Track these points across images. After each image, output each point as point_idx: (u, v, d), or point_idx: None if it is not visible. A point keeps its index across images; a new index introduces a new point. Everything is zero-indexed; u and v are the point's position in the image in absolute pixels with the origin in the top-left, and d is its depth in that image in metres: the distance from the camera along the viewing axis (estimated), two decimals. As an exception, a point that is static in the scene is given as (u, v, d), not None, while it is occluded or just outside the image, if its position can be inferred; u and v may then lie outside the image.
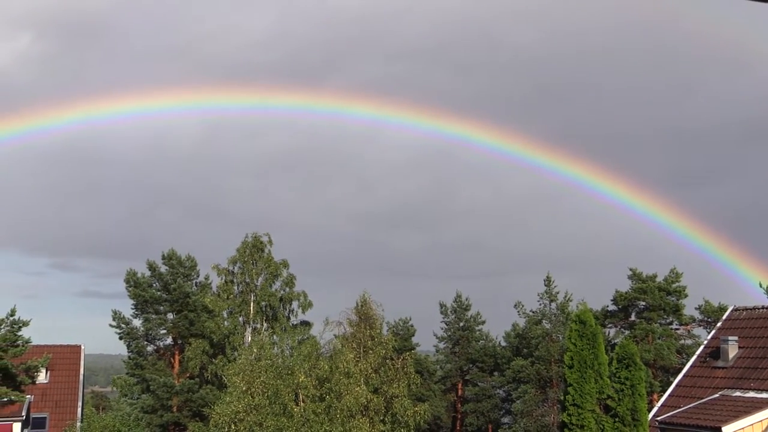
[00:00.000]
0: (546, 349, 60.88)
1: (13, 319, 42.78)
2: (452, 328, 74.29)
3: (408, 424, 31.92)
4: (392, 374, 32.55)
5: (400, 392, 32.08)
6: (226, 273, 51.40)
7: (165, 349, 60.31)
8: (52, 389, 59.60)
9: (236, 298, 50.84)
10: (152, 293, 58.16)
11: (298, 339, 46.76)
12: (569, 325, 31.70)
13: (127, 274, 58.65)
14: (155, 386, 55.51)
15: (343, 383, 30.47)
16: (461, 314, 74.37)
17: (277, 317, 50.70)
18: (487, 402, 69.90)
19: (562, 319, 61.32)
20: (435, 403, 63.75)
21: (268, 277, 50.97)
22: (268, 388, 30.88)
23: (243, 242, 51.14)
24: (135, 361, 59.02)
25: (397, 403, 31.84)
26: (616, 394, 29.69)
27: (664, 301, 58.18)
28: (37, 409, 57.02)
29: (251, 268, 50.70)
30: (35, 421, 56.58)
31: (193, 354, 52.47)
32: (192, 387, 54.67)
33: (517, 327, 68.95)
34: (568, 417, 29.67)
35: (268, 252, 51.46)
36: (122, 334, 59.00)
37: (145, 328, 58.98)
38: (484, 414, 69.92)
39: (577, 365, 29.73)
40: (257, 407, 30.55)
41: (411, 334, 72.45)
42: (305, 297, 51.56)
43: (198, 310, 55.75)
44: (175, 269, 58.85)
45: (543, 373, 61.58)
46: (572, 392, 29.58)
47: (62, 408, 58.82)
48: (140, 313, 59.03)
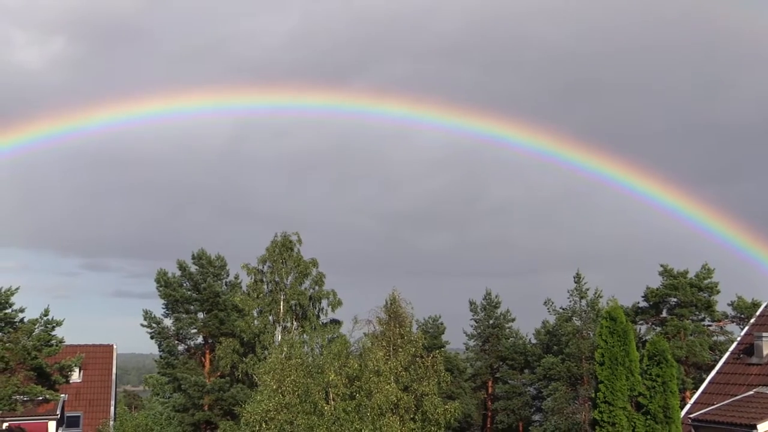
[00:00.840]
0: (576, 346, 60.55)
1: (46, 319, 43.19)
2: (482, 326, 74.13)
3: (438, 422, 31.85)
4: (422, 372, 32.48)
5: (430, 390, 32.01)
6: (256, 272, 51.59)
7: (196, 348, 60.67)
8: (86, 388, 60.31)
9: (266, 297, 51.02)
10: (183, 293, 58.52)
11: (328, 337, 46.85)
12: (600, 321, 31.48)
13: (158, 274, 59.06)
14: (186, 385, 55.86)
15: (373, 381, 30.47)
16: (491, 312, 74.19)
17: (307, 316, 50.82)
18: (517, 399, 69.68)
19: (593, 316, 60.95)
20: (465, 401, 63.66)
21: (297, 276, 51.09)
22: (298, 386, 30.97)
23: (272, 241, 51.32)
24: (166, 360, 59.43)
25: (427, 401, 31.78)
26: (647, 391, 29.47)
27: (695, 298, 57.64)
28: (71, 407, 57.73)
29: (281, 267, 50.85)
30: (69, 419, 57.29)
31: (224, 353, 52.73)
32: (223, 386, 54.95)
33: (547, 324, 68.67)
34: (599, 414, 29.49)
35: (298, 251, 51.62)
36: (153, 333, 59.41)
37: (176, 327, 59.35)
38: (514, 411, 69.73)
39: (608, 362, 29.54)
40: (288, 406, 30.66)
41: (441, 332, 72.41)
42: (335, 295, 51.64)
43: (228, 309, 56.04)
44: (205, 269, 59.17)
45: (573, 371, 61.25)
46: (603, 389, 29.39)
47: (95, 407, 59.50)
48: (171, 312, 59.42)
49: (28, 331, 42.33)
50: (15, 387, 40.67)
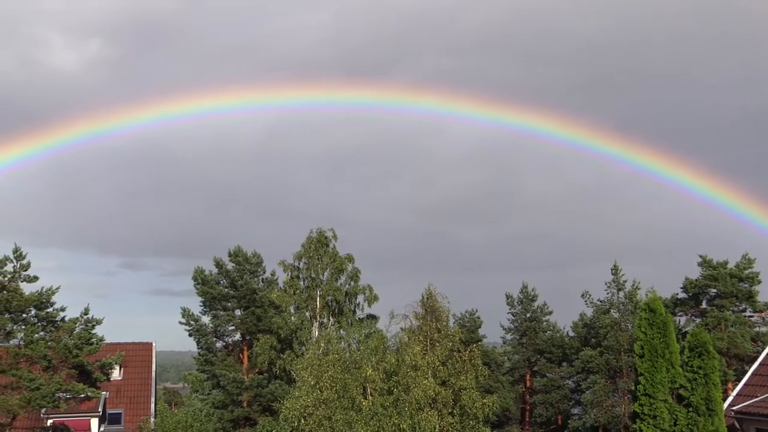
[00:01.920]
0: (615, 339, 60.03)
1: (87, 318, 43.57)
2: (519, 319, 73.79)
3: (477, 416, 31.78)
4: (460, 366, 32.41)
5: (468, 384, 31.93)
6: (292, 269, 51.78)
7: (234, 345, 61.01)
8: (126, 386, 60.90)
9: (302, 293, 51.18)
10: (220, 290, 58.86)
11: (365, 333, 46.86)
12: (638, 313, 31.19)
13: (195, 272, 59.44)
14: (225, 382, 56.22)
15: (410, 376, 30.46)
16: (528, 305, 73.82)
17: (343, 311, 50.90)
18: (555, 393, 69.30)
19: (631, 307, 60.36)
20: (503, 395, 63.42)
21: (333, 272, 51.19)
22: (336, 382, 31.04)
23: (308, 238, 51.45)
24: (205, 357, 59.80)
25: (465, 395, 31.71)
26: (688, 383, 29.15)
27: (736, 288, 56.88)
28: (113, 405, 58.34)
29: (317, 263, 50.97)
30: (111, 416, 57.92)
31: (262, 349, 52.99)
32: (261, 382, 55.24)
33: (585, 317, 68.16)
34: (639, 407, 29.23)
35: (333, 247, 51.71)
36: (192, 330, 59.82)
37: (214, 324, 59.70)
38: (553, 405, 69.37)
39: (647, 354, 29.26)
40: (326, 401, 30.74)
41: (478, 326, 72.19)
42: (371, 291, 51.67)
43: (265, 305, 56.29)
44: (241, 266, 59.48)
45: (612, 363, 60.75)
46: (643, 382, 29.12)
47: (136, 404, 60.07)
48: (209, 310, 59.77)
49: (69, 329, 42.75)
50: (58, 385, 41.13)
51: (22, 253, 42.14)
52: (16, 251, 42.07)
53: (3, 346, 42.69)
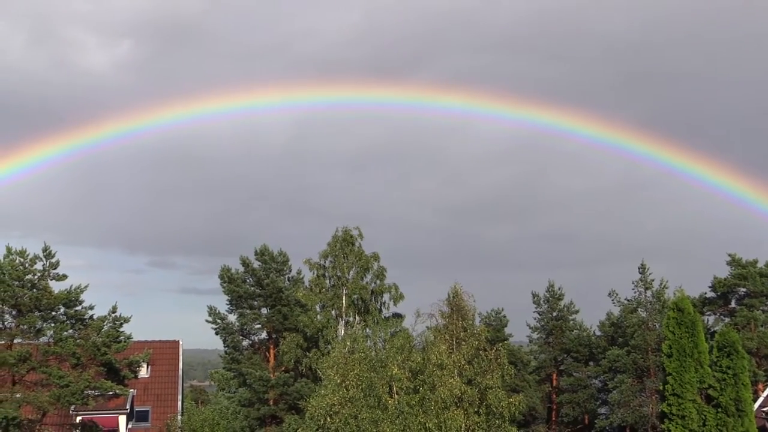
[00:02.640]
0: (642, 338, 59.66)
1: (115, 316, 43.92)
2: (545, 318, 73.49)
3: (503, 415, 31.66)
4: (486, 365, 32.31)
5: (494, 383, 31.81)
6: (318, 267, 51.85)
7: (260, 344, 61.19)
8: (154, 383, 61.32)
9: (328, 292, 51.26)
10: (246, 289, 59.06)
11: (391, 331, 46.85)
12: (666, 312, 30.99)
13: (222, 271, 59.68)
14: (252, 380, 56.44)
15: (436, 375, 30.41)
16: (554, 304, 73.50)
17: (369, 310, 50.91)
18: (582, 392, 68.96)
19: (658, 307, 59.98)
20: (530, 394, 63.23)
21: (359, 271, 51.21)
22: (362, 380, 31.03)
23: (333, 236, 51.53)
24: (231, 355, 60.03)
25: (491, 394, 31.60)
26: (717, 383, 28.92)
27: (766, 287, 56.32)
28: (140, 402, 58.78)
29: (342, 261, 51.00)
30: (139, 414, 58.37)
31: (288, 348, 53.13)
32: (287, 380, 55.39)
33: (612, 316, 67.79)
34: (668, 407, 29.04)
35: (359, 245, 51.72)
36: (218, 329, 60.07)
37: (240, 323, 59.90)
38: (579, 404, 69.03)
39: (675, 354, 29.05)
40: (352, 400, 30.75)
41: (504, 325, 72.00)
42: (396, 289, 51.63)
43: (291, 304, 56.43)
44: (267, 265, 59.65)
45: (640, 363, 60.38)
46: (671, 382, 28.91)
47: (163, 401, 60.47)
48: (235, 308, 59.98)
49: (97, 327, 43.12)
50: (87, 382, 41.50)
51: (51, 252, 42.58)
52: (46, 250, 42.50)
53: (33, 343, 43.17)
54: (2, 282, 41.15)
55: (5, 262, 41.81)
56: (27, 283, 41.93)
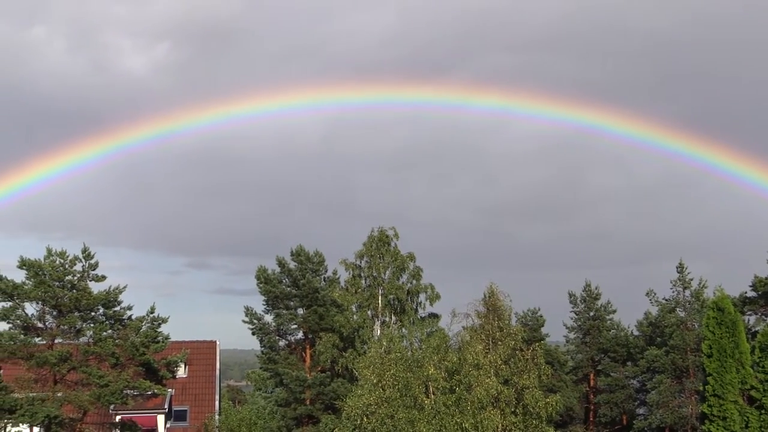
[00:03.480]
0: (681, 338, 59.03)
1: (153, 316, 44.35)
2: (582, 318, 72.97)
3: (540, 415, 31.50)
4: (522, 365, 32.19)
5: (530, 383, 31.69)
6: (354, 267, 51.93)
7: (296, 344, 61.38)
8: (191, 383, 61.88)
9: (364, 292, 51.32)
10: (282, 289, 59.27)
11: (427, 331, 46.82)
12: (706, 312, 30.63)
13: (258, 271, 59.93)
14: (288, 380, 56.64)
15: (472, 375, 30.33)
16: (591, 303, 72.94)
17: (405, 310, 50.89)
18: (620, 392, 68.37)
19: (697, 306, 59.31)
20: (567, 394, 62.79)
21: (395, 271, 51.20)
22: (398, 380, 31.02)
23: (369, 236, 51.59)
24: (268, 355, 60.28)
25: (528, 394, 31.48)
26: (760, 384, 28.52)
27: (808, 286, 55.39)
28: (178, 402, 59.36)
29: (378, 262, 51.04)
30: (177, 413, 58.95)
31: (324, 348, 53.27)
32: (324, 380, 55.53)
33: (650, 315, 67.14)
34: (708, 408, 28.69)
35: (395, 245, 51.75)
36: (255, 329, 60.33)
37: (277, 323, 60.12)
38: (617, 405, 68.44)
39: (716, 354, 28.69)
40: (388, 400, 30.75)
41: (540, 325, 71.59)
42: (432, 289, 51.58)
43: (327, 304, 56.55)
44: (303, 265, 59.83)
45: (678, 363, 59.74)
46: (712, 382, 28.56)
47: (201, 401, 61.00)
48: (271, 308, 60.21)
49: (136, 328, 43.56)
50: (126, 382, 41.97)
51: (90, 253, 43.10)
52: (85, 251, 43.03)
53: (73, 343, 43.74)
54: (43, 283, 41.73)
55: (46, 264, 42.39)
56: (67, 283, 42.49)
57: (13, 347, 41.64)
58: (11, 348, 41.65)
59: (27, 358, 41.88)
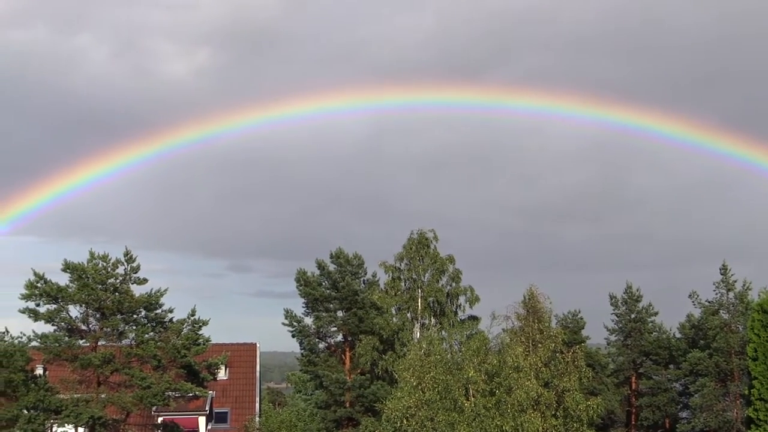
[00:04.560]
0: (725, 341, 58.26)
1: (194, 319, 44.58)
2: (623, 320, 72.30)
3: (581, 418, 31.28)
4: (563, 368, 32.00)
5: (571, 386, 31.49)
6: (393, 270, 52.01)
7: (336, 346, 61.53)
8: (232, 385, 62.27)
9: (404, 295, 51.38)
10: (322, 291, 59.44)
11: (467, 334, 46.70)
12: (751, 315, 30.19)
13: (298, 274, 60.17)
14: (328, 382, 56.81)
15: (512, 377, 30.20)
16: (632, 306, 72.25)
17: (445, 312, 50.86)
18: (663, 395, 67.61)
19: (741, 309, 58.51)
20: (608, 397, 62.23)
21: (434, 273, 51.21)
22: (438, 383, 30.99)
23: (409, 239, 51.69)
24: (308, 358, 60.50)
25: (568, 397, 31.28)
26: (806, 387, 28.05)
27: None
28: (219, 404, 59.77)
29: (417, 264, 51.09)
30: (218, 415, 59.37)
31: (364, 350, 53.38)
32: (363, 383, 55.61)
33: (693, 318, 66.35)
34: (754, 412, 28.28)
35: (434, 248, 51.77)
36: (294, 331, 60.54)
37: (316, 325, 60.28)
38: (660, 408, 67.68)
39: (761, 357, 28.28)
40: (428, 402, 30.73)
41: (580, 327, 71.03)
42: (472, 292, 51.53)
43: (367, 307, 56.62)
44: (343, 267, 59.96)
45: (722, 366, 58.96)
46: (758, 386, 28.15)
47: (241, 403, 61.37)
48: (311, 311, 60.40)
49: (177, 330, 43.88)
50: (167, 384, 42.33)
51: (132, 256, 43.54)
52: (127, 254, 43.49)
53: (116, 345, 44.24)
54: (86, 286, 42.25)
55: (89, 267, 42.89)
56: (110, 286, 42.94)
57: (58, 349, 42.24)
58: (56, 350, 42.24)
59: (71, 359, 42.45)
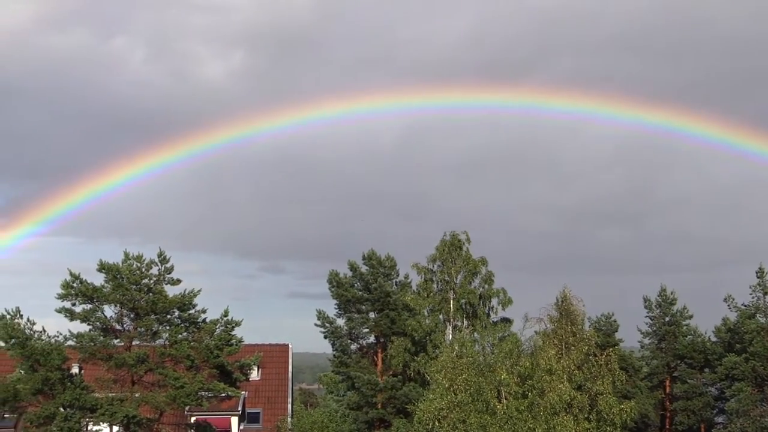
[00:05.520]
0: (762, 345, 57.52)
1: (226, 320, 44.82)
2: (657, 323, 71.65)
3: (614, 422, 31.06)
4: (596, 371, 31.77)
5: (604, 389, 31.26)
6: (426, 271, 52.03)
7: (368, 347, 61.60)
8: (264, 386, 62.62)
9: (436, 296, 51.38)
10: (354, 293, 59.55)
11: (499, 336, 46.51)
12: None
13: (330, 275, 60.34)
14: (360, 383, 56.90)
15: (545, 380, 30.07)
16: (666, 309, 71.58)
17: (477, 314, 50.77)
18: (698, 400, 66.86)
19: (778, 312, 57.79)
20: (642, 401, 61.64)
21: (466, 275, 51.16)
22: (470, 385, 30.93)
23: (441, 241, 51.73)
24: (340, 359, 60.63)
25: (601, 400, 31.06)
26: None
27: None
28: (251, 404, 60.12)
29: (450, 266, 51.06)
30: (250, 415, 59.72)
31: (396, 352, 53.41)
32: (395, 384, 55.64)
33: (728, 321, 65.61)
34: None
35: (467, 250, 51.72)
36: (327, 333, 60.72)
37: (349, 327, 60.41)
38: (695, 412, 66.93)
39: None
40: (460, 404, 30.67)
41: (614, 330, 70.50)
42: (505, 294, 51.39)
43: (399, 308, 56.62)
44: (375, 269, 60.03)
45: (759, 371, 58.20)
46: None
47: (274, 404, 61.68)
48: (343, 312, 60.55)
49: (210, 330, 44.16)
50: (200, 384, 42.62)
51: (166, 257, 43.94)
52: (161, 255, 43.88)
53: (150, 345, 44.65)
54: (121, 286, 42.71)
55: (123, 267, 43.35)
56: (144, 287, 43.37)
57: (93, 348, 42.75)
58: (91, 349, 42.77)
59: (106, 359, 42.94)
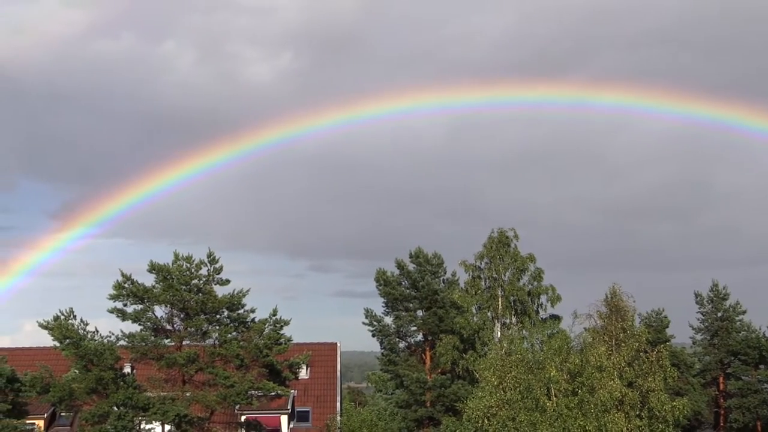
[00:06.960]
0: (818, 340, 56.44)
1: (275, 319, 45.03)
2: (709, 319, 70.71)
3: (666, 419, 30.72)
4: (647, 367, 31.47)
5: (656, 386, 30.95)
6: (473, 269, 51.88)
7: (416, 346, 61.55)
8: (313, 385, 62.83)
9: (484, 294, 51.20)
10: (401, 291, 59.55)
11: (548, 333, 46.24)
12: None
13: (377, 274, 60.40)
14: (408, 382, 56.89)
15: (595, 377, 29.81)
16: (719, 304, 70.59)
17: (526, 311, 50.50)
18: (753, 397, 65.78)
19: (835, 307, 56.59)
20: (694, 398, 60.84)
21: (515, 272, 50.92)
22: (519, 382, 30.79)
23: (489, 238, 51.53)
24: (388, 357, 60.69)
25: (653, 397, 30.74)
26: None
27: None
28: (301, 403, 60.36)
29: (498, 263, 50.86)
30: (299, 414, 59.96)
31: (444, 350, 53.32)
32: (444, 382, 55.54)
33: (783, 317, 64.50)
34: None
35: (515, 247, 51.49)
36: (375, 331, 60.82)
37: (396, 325, 60.45)
38: (750, 410, 65.86)
39: None
40: (509, 402, 30.55)
41: (665, 326, 69.65)
42: (554, 291, 51.06)
43: (446, 306, 56.50)
44: (422, 267, 59.98)
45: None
46: None
47: (323, 402, 61.85)
48: (391, 310, 60.59)
49: (259, 330, 44.42)
50: (250, 383, 42.94)
51: (215, 257, 44.31)
52: (210, 255, 44.27)
53: (200, 345, 45.11)
54: (171, 287, 43.18)
55: (173, 268, 43.82)
56: (193, 287, 43.79)
57: (144, 348, 43.33)
58: (143, 349, 43.35)
59: (157, 358, 43.49)
